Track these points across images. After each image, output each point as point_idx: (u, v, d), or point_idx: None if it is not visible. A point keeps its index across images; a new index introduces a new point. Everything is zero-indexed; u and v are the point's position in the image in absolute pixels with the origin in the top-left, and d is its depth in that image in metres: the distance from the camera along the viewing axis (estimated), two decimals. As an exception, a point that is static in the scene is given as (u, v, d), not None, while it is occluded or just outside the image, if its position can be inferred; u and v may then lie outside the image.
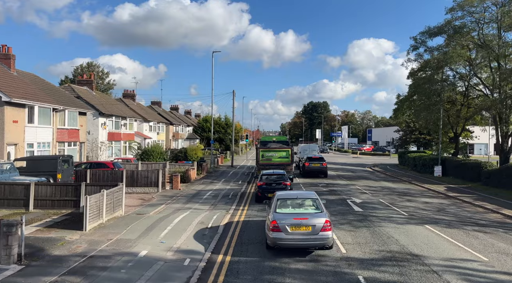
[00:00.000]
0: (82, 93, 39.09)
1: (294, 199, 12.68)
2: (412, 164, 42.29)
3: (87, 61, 77.45)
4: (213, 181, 29.98)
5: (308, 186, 28.16)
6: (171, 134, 66.85)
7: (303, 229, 11.14)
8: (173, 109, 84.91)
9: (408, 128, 48.42)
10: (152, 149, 42.18)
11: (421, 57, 34.46)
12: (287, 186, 20.40)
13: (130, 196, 22.16)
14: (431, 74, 34.11)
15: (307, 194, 13.76)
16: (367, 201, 21.50)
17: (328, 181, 31.18)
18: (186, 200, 21.39)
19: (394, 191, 26.40)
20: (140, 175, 23.72)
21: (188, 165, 31.57)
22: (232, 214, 17.68)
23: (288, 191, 16.57)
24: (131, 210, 18.25)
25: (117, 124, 42.05)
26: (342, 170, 42.84)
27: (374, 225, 15.44)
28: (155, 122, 56.22)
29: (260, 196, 20.44)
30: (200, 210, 18.45)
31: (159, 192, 23.67)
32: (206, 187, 26.83)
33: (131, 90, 59.14)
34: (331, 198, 22.31)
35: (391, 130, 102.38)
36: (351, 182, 30.99)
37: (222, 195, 23.40)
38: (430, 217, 17.40)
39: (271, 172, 22.16)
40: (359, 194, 24.52)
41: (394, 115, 40.97)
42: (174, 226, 14.80)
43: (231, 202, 20.85)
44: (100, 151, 38.27)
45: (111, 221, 15.28)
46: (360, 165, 52.01)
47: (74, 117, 32.30)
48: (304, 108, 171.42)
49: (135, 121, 48.04)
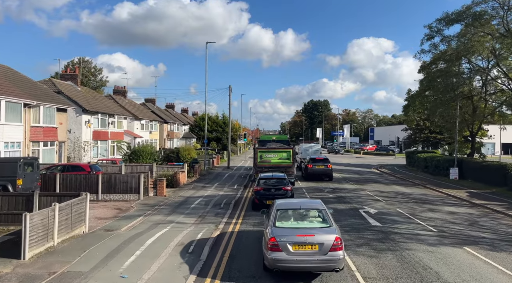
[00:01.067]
0: (65, 88, 35.83)
1: (297, 209, 10.61)
2: (423, 165, 39.05)
3: (79, 57, 74.19)
4: (205, 185, 26.72)
5: (312, 191, 24.94)
6: (165, 133, 63.61)
7: (308, 248, 9.19)
8: (168, 107, 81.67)
9: (418, 126, 45.17)
10: (141, 149, 39.11)
11: (436, 47, 31.21)
12: (288, 191, 18.09)
13: (105, 205, 18.94)
14: (447, 66, 30.85)
15: (312, 203, 11.82)
16: (383, 211, 18.26)
17: (334, 185, 27.95)
18: (169, 210, 18.15)
19: (410, 198, 23.18)
20: (118, 180, 20.47)
21: (177, 167, 28.32)
22: (223, 230, 14.46)
23: (289, 199, 14.41)
24: (100, 224, 15.02)
25: (103, 122, 38.80)
26: (347, 172, 39.62)
27: (400, 247, 12.20)
28: (147, 120, 52.97)
29: (257, 203, 17.95)
30: (184, 224, 15.22)
31: (141, 199, 20.43)
32: (196, 192, 23.59)
33: (122, 87, 55.90)
34: (340, 207, 19.08)
35: (395, 129, 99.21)
36: (360, 186, 27.76)
37: (214, 203, 20.15)
38: (465, 234, 14.17)
39: (269, 175, 19.75)
40: (371, 201, 21.29)
41: (404, 112, 37.70)
42: (145, 249, 11.56)
43: (223, 213, 17.61)
44: (84, 151, 35.02)
45: (66, 243, 12.03)
46: (365, 166, 48.78)
47: (51, 114, 29.02)
48: (305, 107, 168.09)
49: (124, 119, 44.78)
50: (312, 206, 10.92)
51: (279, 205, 10.83)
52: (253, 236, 13.58)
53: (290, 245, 9.14)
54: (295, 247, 9.14)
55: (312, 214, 10.44)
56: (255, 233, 13.91)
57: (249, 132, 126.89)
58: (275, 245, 9.19)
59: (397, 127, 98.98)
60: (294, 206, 10.86)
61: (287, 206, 10.93)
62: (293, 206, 10.93)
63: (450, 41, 30.59)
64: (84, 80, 71.69)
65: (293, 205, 11.04)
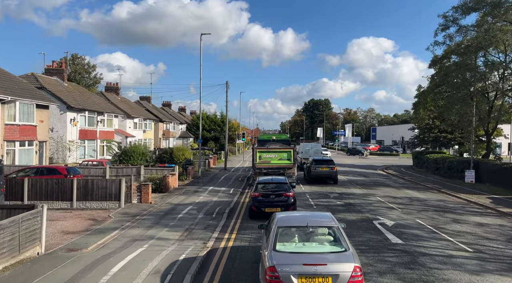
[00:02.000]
0: (49, 84, 33.25)
1: (303, 227, 8.42)
2: (434, 166, 36.45)
3: (72, 53, 71.53)
4: (198, 190, 24.11)
5: (317, 197, 22.36)
6: (160, 132, 61.02)
7: (318, 281, 7.20)
8: (165, 106, 79.06)
9: (426, 125, 42.56)
10: (132, 149, 36.56)
11: (451, 39, 28.60)
12: (289, 197, 16.09)
13: (79, 215, 16.36)
14: (463, 59, 28.25)
15: (321, 217, 9.44)
16: (401, 223, 15.67)
17: (340, 189, 25.36)
18: (152, 221, 15.56)
19: (427, 205, 20.60)
20: (96, 185, 17.87)
21: (167, 170, 25.70)
22: (212, 249, 11.90)
23: (293, 213, 12.23)
24: (64, 240, 12.43)
25: (91, 121, 36.22)
26: (352, 174, 37.03)
27: (435, 277, 9.59)
28: (140, 119, 50.36)
29: (255, 210, 16.06)
30: (165, 241, 12.63)
31: (121, 207, 17.84)
32: (186, 198, 20.98)
33: (114, 83, 53.30)
34: (350, 218, 16.50)
35: (398, 129, 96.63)
36: (369, 191, 25.18)
37: (205, 212, 17.55)
38: (509, 256, 11.58)
39: (269, 179, 17.66)
40: (385, 210, 18.70)
41: (414, 110, 35.08)
42: (108, 281, 8.98)
43: (214, 225, 15.03)
44: (69, 152, 32.45)
45: (8, 271, 9.43)
46: (370, 167, 46.20)
47: (29, 111, 26.43)
48: (305, 106, 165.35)
49: (115, 117, 42.21)
50: (321, 222, 8.83)
51: (280, 221, 8.71)
52: (248, 257, 11.04)
53: (295, 278, 7.17)
54: (301, 279, 7.15)
55: (321, 232, 8.45)
56: (251, 253, 11.37)
57: (248, 132, 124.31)
58: (275, 276, 7.19)
59: (400, 127, 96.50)
60: (299, 223, 8.70)
61: (291, 222, 8.86)
62: (298, 222, 8.82)
63: (466, 32, 27.98)
64: (77, 77, 69.18)
65: (297, 221, 8.93)
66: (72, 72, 69.70)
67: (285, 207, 15.67)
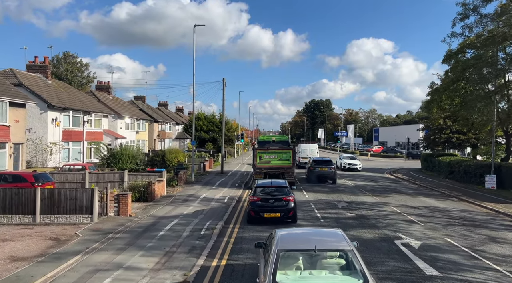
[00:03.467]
0: (28, 81, 30.52)
1: (309, 251, 6.71)
2: (447, 170, 33.66)
3: (63, 51, 68.85)
4: (189, 199, 21.33)
5: (323, 207, 19.58)
6: (155, 133, 58.29)
7: None
8: (161, 106, 76.41)
9: (438, 126, 39.79)
10: (121, 151, 33.82)
11: (470, 30, 25.83)
12: (289, 202, 15.28)
13: (40, 233, 13.61)
14: (484, 52, 25.50)
15: (329, 236, 7.81)
16: (429, 244, 12.88)
17: (349, 197, 22.59)
18: (127, 240, 12.79)
19: (450, 216, 17.84)
20: (64, 196, 15.11)
21: (154, 175, 22.92)
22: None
23: (295, 230, 9.96)
24: (6, 272, 9.70)
25: (76, 121, 33.48)
26: (358, 178, 34.27)
27: None
28: (133, 119, 47.59)
29: (253, 216, 15.38)
30: (135, 271, 9.88)
31: (93, 222, 15.09)
32: (173, 210, 18.20)
33: (106, 82, 50.57)
34: (367, 236, 13.73)
35: (403, 130, 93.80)
36: (381, 199, 22.41)
37: (192, 227, 14.78)
38: None
39: (268, 183, 17.01)
40: (404, 224, 15.93)
41: (427, 108, 32.24)
42: None
43: (202, 246, 12.27)
44: (50, 155, 29.69)
45: None
46: (376, 170, 43.43)
47: (1, 110, 23.71)
48: (306, 106, 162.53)
49: (104, 117, 39.47)
50: (331, 244, 7.15)
51: (281, 242, 7.08)
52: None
53: None
54: None
55: (331, 255, 6.85)
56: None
57: (248, 133, 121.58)
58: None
59: (404, 128, 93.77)
60: (304, 245, 7.07)
61: (294, 243, 7.31)
62: (303, 243, 7.23)
63: (487, 22, 25.23)
64: (69, 76, 66.52)
65: (302, 242, 7.37)
66: (64, 71, 67.09)
67: (284, 212, 15.19)
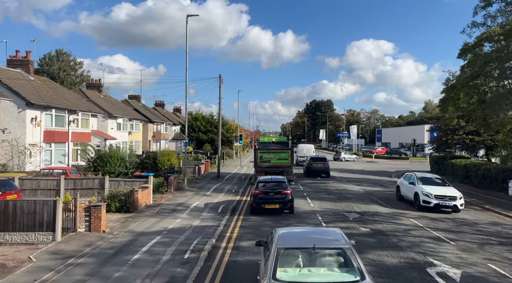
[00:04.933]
0: (6, 76, 27.90)
1: (309, 249, 6.91)
2: (462, 174, 30.98)
3: (56, 49, 66.31)
4: (177, 209, 18.66)
5: (331, 219, 16.95)
6: (150, 134, 55.65)
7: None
8: (158, 106, 73.79)
9: (448, 126, 37.16)
10: (110, 153, 31.32)
11: (493, 20, 23.22)
12: (287, 195, 17.32)
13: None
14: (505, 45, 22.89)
15: (328, 235, 8.02)
16: (471, 273, 10.20)
17: (359, 207, 19.93)
18: (90, 268, 10.15)
19: (481, 231, 15.21)
20: (21, 209, 12.47)
21: (139, 181, 20.24)
22: None
23: (296, 230, 10.04)
24: None
25: (60, 120, 30.85)
26: (366, 182, 31.62)
27: None
28: (125, 119, 44.94)
29: (255, 207, 17.43)
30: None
31: (57, 240, 12.45)
32: (157, 223, 15.55)
33: (97, 80, 47.95)
34: (389, 262, 11.07)
35: (407, 131, 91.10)
36: (395, 209, 19.74)
37: (176, 248, 12.13)
38: None
39: (268, 179, 19.04)
40: (432, 242, 13.26)
41: (441, 108, 29.55)
42: None
43: (183, 276, 9.65)
44: (29, 157, 27.05)
45: None
46: (383, 173, 40.82)
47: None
48: (307, 107, 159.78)
49: (93, 116, 36.86)
50: (330, 242, 7.37)
51: (281, 240, 7.31)
52: None
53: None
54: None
55: (329, 253, 7.05)
56: None
57: (248, 134, 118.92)
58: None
59: (409, 129, 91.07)
60: (303, 243, 7.23)
61: (293, 241, 7.48)
62: (302, 242, 7.37)
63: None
64: (61, 74, 64.01)
65: (301, 240, 7.52)
66: (57, 69, 64.55)
67: (283, 204, 17.16)
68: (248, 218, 16.98)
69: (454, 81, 28.81)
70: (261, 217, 16.91)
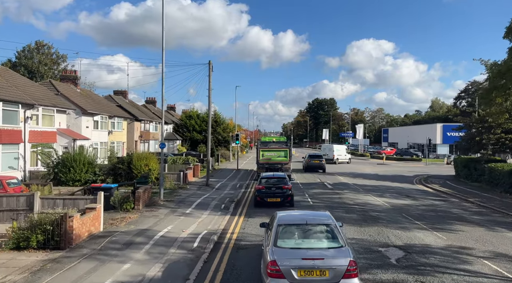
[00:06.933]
0: None
1: (302, 225, 8.91)
2: (508, 182, 25.16)
3: (36, 40, 60.56)
4: (134, 240, 12.80)
5: (364, 262, 11.14)
6: (137, 134, 49.82)
7: (316, 274, 7.53)
8: (149, 103, 68.20)
9: (480, 124, 31.38)
10: (74, 157, 25.83)
11: None
12: (287, 189, 18.93)
13: None
14: None
15: (319, 216, 9.86)
16: None
17: (397, 234, 14.04)
18: None
19: None
20: None
21: (85, 200, 14.33)
22: None
23: (292, 212, 11.80)
24: None
25: (11, 116, 25.09)
26: (387, 192, 25.88)
27: None
28: (104, 116, 39.07)
29: (259, 200, 19.00)
30: None
31: None
32: (89, 274, 9.74)
33: (73, 72, 42.15)
34: None
35: (416, 130, 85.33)
36: (448, 236, 13.90)
37: None
38: None
39: (270, 175, 20.56)
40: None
41: (484, 101, 23.74)
42: None
43: None
44: (-35, 162, 21.24)
45: None
46: (400, 178, 35.13)
47: None
48: (309, 105, 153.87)
49: (60, 112, 31.07)
50: (320, 220, 9.21)
51: (280, 219, 9.14)
52: None
53: (294, 271, 7.53)
54: (300, 273, 7.53)
55: (319, 229, 8.84)
56: None
57: (248, 134, 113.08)
58: (276, 270, 7.55)
59: (417, 128, 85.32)
60: (298, 221, 9.14)
61: (290, 220, 9.27)
62: (298, 220, 9.24)
63: None
64: (41, 68, 58.25)
65: (297, 219, 9.34)
66: (36, 63, 58.83)
67: (284, 198, 18.80)
68: (238, 256, 11.17)
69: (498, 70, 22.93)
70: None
